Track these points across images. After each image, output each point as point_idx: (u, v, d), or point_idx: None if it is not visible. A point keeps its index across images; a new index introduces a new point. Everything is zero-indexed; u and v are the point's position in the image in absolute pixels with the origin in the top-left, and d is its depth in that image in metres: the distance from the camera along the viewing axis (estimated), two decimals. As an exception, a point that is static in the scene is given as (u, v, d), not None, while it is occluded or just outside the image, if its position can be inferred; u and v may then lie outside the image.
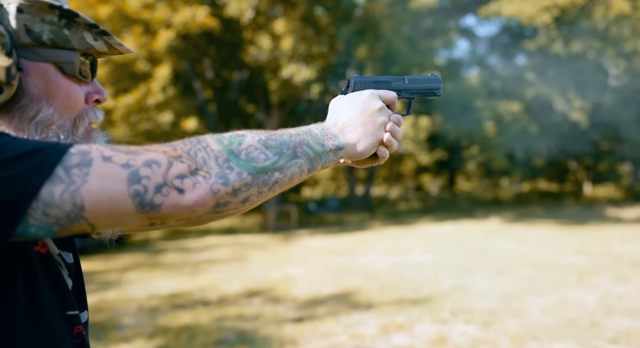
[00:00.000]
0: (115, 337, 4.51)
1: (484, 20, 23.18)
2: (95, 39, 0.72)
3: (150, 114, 13.31)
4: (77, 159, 0.57)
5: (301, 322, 4.79)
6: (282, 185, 0.70)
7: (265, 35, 14.39)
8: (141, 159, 0.60)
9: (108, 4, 13.40)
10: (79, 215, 0.57)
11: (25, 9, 0.65)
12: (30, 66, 0.67)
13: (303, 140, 0.74)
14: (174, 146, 0.63)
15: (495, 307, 5.14)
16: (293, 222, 14.88)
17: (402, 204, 24.46)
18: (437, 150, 25.24)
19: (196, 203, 0.61)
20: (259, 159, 0.67)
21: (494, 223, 13.98)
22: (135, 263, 9.05)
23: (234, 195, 0.64)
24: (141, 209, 0.59)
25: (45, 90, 0.68)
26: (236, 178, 0.64)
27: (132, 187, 0.58)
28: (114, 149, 0.61)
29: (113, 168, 0.58)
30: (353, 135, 0.81)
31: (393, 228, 13.55)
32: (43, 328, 0.66)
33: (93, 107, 0.76)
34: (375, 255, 8.96)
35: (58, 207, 0.56)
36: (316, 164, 0.75)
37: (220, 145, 0.65)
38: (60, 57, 0.69)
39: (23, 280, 0.64)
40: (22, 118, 0.67)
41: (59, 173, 0.56)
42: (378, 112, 0.83)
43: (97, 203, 0.57)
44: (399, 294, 5.80)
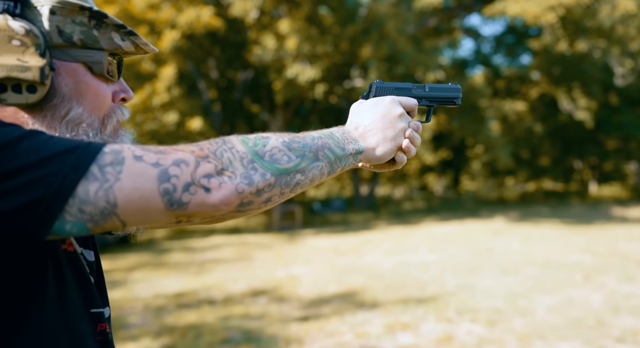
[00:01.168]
0: (121, 336, 4.54)
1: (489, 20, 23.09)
2: (122, 39, 0.74)
3: (155, 114, 13.37)
4: (111, 158, 0.59)
5: (307, 321, 4.80)
6: (303, 186, 0.72)
7: (269, 35, 14.41)
8: (170, 159, 0.62)
9: (114, 5, 13.45)
10: (112, 212, 0.59)
11: (57, 10, 0.67)
12: (62, 66, 0.69)
13: (325, 144, 0.76)
14: (201, 146, 0.65)
15: (501, 306, 5.13)
16: (298, 222, 14.90)
17: (406, 204, 24.44)
18: (442, 149, 25.21)
19: (222, 202, 0.63)
20: (282, 160, 0.69)
21: (499, 222, 13.95)
22: (141, 263, 9.08)
23: (258, 195, 0.66)
24: (170, 207, 0.61)
25: (76, 90, 0.70)
26: (260, 179, 0.66)
27: (162, 186, 0.60)
28: (144, 149, 0.62)
29: (144, 167, 0.60)
30: (373, 139, 0.83)
31: (398, 228, 13.54)
32: (69, 325, 0.68)
33: (120, 106, 0.77)
34: (380, 254, 8.95)
35: (92, 204, 0.58)
36: (336, 167, 0.77)
37: (245, 147, 0.67)
38: (90, 57, 0.71)
39: (53, 278, 0.66)
40: (54, 116, 0.69)
41: (93, 171, 0.58)
42: (398, 118, 0.85)
43: (129, 200, 0.59)
44: (404, 293, 5.80)
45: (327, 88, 16.17)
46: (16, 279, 0.62)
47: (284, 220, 15.32)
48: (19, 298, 0.62)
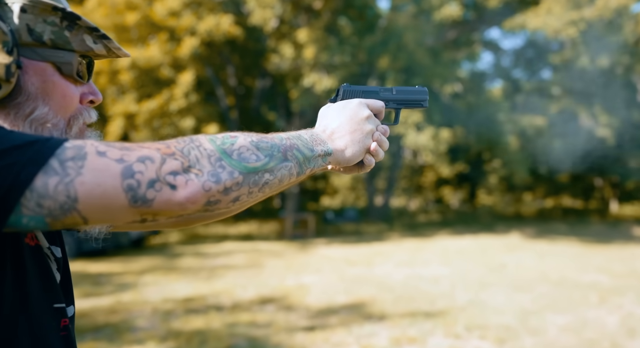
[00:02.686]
0: (128, 339, 4.54)
1: (509, 33, 22.95)
2: (95, 42, 0.74)
3: (172, 119, 13.50)
4: (72, 153, 0.58)
5: (313, 331, 4.76)
6: (271, 186, 0.72)
7: (288, 44, 14.50)
8: (135, 155, 0.61)
9: (135, 11, 13.69)
10: (72, 207, 0.58)
11: (28, 9, 0.67)
12: (30, 65, 0.69)
13: (293, 144, 0.76)
14: (168, 144, 0.65)
15: (512, 323, 5.03)
16: (310, 231, 14.86)
17: (421, 216, 24.24)
18: (459, 162, 25.00)
19: (188, 199, 0.62)
20: (251, 159, 0.68)
21: (514, 238, 13.74)
22: (152, 266, 9.13)
23: (225, 194, 0.65)
24: (134, 203, 0.60)
25: (42, 89, 0.70)
26: (228, 177, 0.65)
27: (125, 181, 0.59)
28: (108, 145, 0.62)
29: (107, 162, 0.59)
30: (341, 141, 0.83)
31: (411, 240, 13.41)
32: (30, 319, 0.67)
33: (87, 108, 0.77)
34: (392, 266, 8.87)
35: (52, 198, 0.57)
36: (305, 168, 0.77)
37: (213, 145, 0.67)
38: (59, 57, 0.70)
39: (12, 271, 0.65)
40: (18, 115, 0.68)
41: (53, 165, 0.57)
42: (366, 120, 0.86)
43: (90, 196, 0.58)
44: (413, 306, 5.72)
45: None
46: None
47: (297, 229, 15.30)
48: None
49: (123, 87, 13.89)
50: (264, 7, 13.94)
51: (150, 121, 13.34)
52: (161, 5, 13.59)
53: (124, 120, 13.73)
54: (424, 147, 15.11)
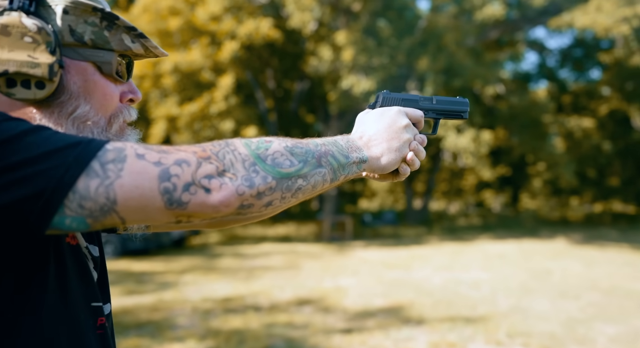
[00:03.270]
0: (169, 336, 4.64)
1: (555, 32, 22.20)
2: (132, 41, 0.75)
3: (212, 121, 13.76)
4: (113, 155, 0.60)
5: (350, 334, 4.72)
6: (304, 192, 0.72)
7: (326, 47, 14.53)
8: (172, 158, 0.62)
9: (178, 16, 14.04)
10: (111, 209, 0.59)
11: (70, 10, 0.69)
12: (72, 64, 0.70)
13: (328, 151, 0.76)
14: (204, 147, 0.66)
15: (557, 331, 4.84)
16: (348, 233, 14.81)
17: (461, 220, 23.77)
18: (500, 165, 24.39)
19: (222, 203, 0.63)
20: (284, 164, 0.69)
21: (560, 243, 13.27)
22: (192, 266, 9.31)
23: (258, 198, 0.66)
24: (169, 206, 0.61)
25: (84, 88, 0.71)
26: (261, 181, 0.66)
27: (162, 184, 0.60)
28: (147, 147, 0.63)
29: (145, 165, 0.61)
30: (377, 149, 0.83)
31: (450, 244, 13.17)
32: (69, 317, 0.68)
33: (127, 106, 0.78)
34: (430, 270, 8.72)
35: (92, 200, 0.58)
36: (339, 175, 0.77)
37: (248, 149, 0.68)
38: (100, 57, 0.72)
39: (54, 269, 0.67)
40: (61, 113, 0.70)
41: (95, 167, 0.59)
42: (404, 129, 0.85)
43: (128, 198, 0.59)
44: (453, 311, 5.60)
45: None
46: (18, 270, 0.63)
47: (335, 231, 15.28)
48: (21, 288, 0.63)
49: (166, 90, 14.26)
50: (302, 10, 14.03)
51: (191, 124, 13.63)
52: (203, 10, 13.89)
53: (166, 123, 14.09)
54: (464, 149, 14.81)
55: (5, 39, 0.65)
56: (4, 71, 0.65)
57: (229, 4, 13.88)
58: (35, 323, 0.64)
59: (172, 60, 13.46)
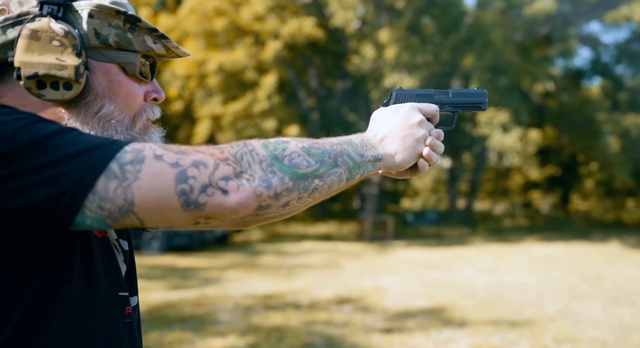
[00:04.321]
0: (211, 331, 4.74)
1: (611, 26, 21.19)
2: (154, 42, 0.77)
3: (255, 120, 13.95)
4: (131, 156, 0.62)
5: (390, 333, 4.68)
6: (321, 192, 0.73)
7: (369, 45, 14.45)
8: (190, 160, 0.63)
9: (223, 17, 14.31)
10: (129, 210, 0.61)
11: (95, 14, 0.72)
12: (97, 66, 0.73)
13: (344, 150, 0.76)
14: (222, 149, 0.67)
15: (609, 338, 4.63)
16: (389, 233, 14.69)
17: (507, 221, 23.14)
18: (549, 165, 23.57)
19: (239, 204, 0.64)
20: (302, 165, 0.70)
21: (613, 247, 12.71)
22: (235, 263, 9.47)
23: (276, 199, 0.67)
24: (186, 207, 0.62)
25: (109, 88, 0.74)
26: (278, 182, 0.67)
27: (179, 186, 0.61)
28: (166, 148, 0.64)
29: (163, 166, 0.62)
30: (392, 147, 0.83)
31: (495, 245, 12.84)
32: (97, 304, 0.72)
33: (151, 105, 0.81)
34: (474, 271, 8.53)
35: (111, 201, 0.60)
36: (355, 174, 0.78)
37: (265, 150, 0.68)
38: (124, 58, 0.75)
39: (81, 258, 0.70)
40: (87, 113, 0.73)
41: (114, 168, 0.61)
42: (417, 126, 0.85)
43: (146, 199, 0.61)
44: (497, 314, 5.46)
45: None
46: (46, 260, 0.66)
47: (376, 230, 15.19)
48: (49, 278, 0.66)
49: (210, 90, 14.56)
50: (346, 9, 14.01)
51: (235, 123, 13.87)
52: (247, 10, 14.10)
53: (210, 122, 14.40)
54: (510, 148, 14.40)
55: (35, 43, 0.68)
56: (34, 73, 0.68)
57: (273, 3, 14.03)
58: (65, 311, 0.67)
59: (217, 60, 13.73)
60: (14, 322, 0.64)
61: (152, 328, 4.64)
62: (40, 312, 0.65)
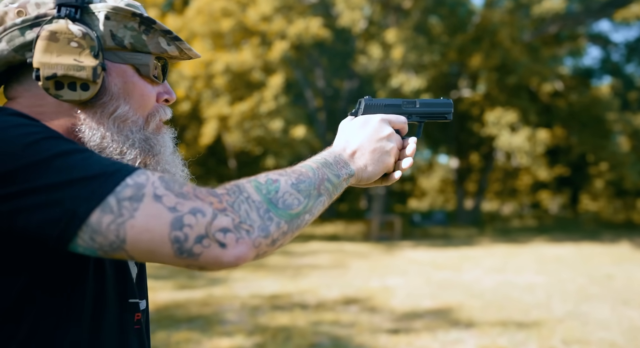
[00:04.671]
0: (218, 331, 4.75)
1: (621, 25, 21.00)
2: (168, 44, 0.78)
3: (262, 121, 13.97)
4: (130, 192, 0.61)
5: (396, 334, 4.67)
6: (307, 223, 0.74)
7: (376, 45, 14.43)
8: (188, 206, 0.62)
9: (230, 18, 14.34)
10: (120, 247, 0.60)
11: (112, 16, 0.73)
12: (112, 67, 0.74)
13: (324, 176, 0.77)
14: (220, 198, 0.65)
15: (618, 340, 4.59)
16: (397, 233, 14.66)
17: (515, 221, 23.00)
18: (558, 165, 23.40)
19: (238, 258, 0.63)
20: (294, 205, 0.70)
21: (623, 248, 12.59)
22: (242, 263, 9.48)
23: (272, 245, 0.67)
24: (179, 255, 0.61)
25: (124, 89, 0.75)
26: (275, 228, 0.67)
27: (173, 233, 0.60)
28: (168, 188, 0.62)
29: (160, 209, 0.60)
30: (361, 160, 0.84)
31: (503, 246, 12.77)
32: (108, 313, 0.73)
33: (163, 106, 0.81)
34: (481, 272, 8.49)
35: (103, 236, 0.60)
36: (333, 195, 0.79)
37: (260, 195, 0.68)
38: (138, 59, 0.76)
39: (93, 268, 0.71)
40: (103, 113, 0.74)
41: (110, 203, 0.59)
42: (387, 139, 0.86)
43: (138, 239, 0.60)
44: (504, 315, 5.42)
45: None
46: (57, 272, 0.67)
47: (383, 231, 15.16)
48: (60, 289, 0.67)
49: (217, 90, 14.61)
50: (352, 9, 14.00)
51: (242, 123, 13.89)
52: (254, 10, 14.13)
53: (217, 122, 14.44)
54: (518, 148, 14.31)
55: (54, 44, 0.69)
56: (53, 74, 0.69)
57: (280, 4, 14.05)
58: (75, 322, 0.68)
59: (224, 61, 13.77)
60: (24, 334, 0.64)
61: (160, 328, 4.66)
62: (47, 327, 0.66)
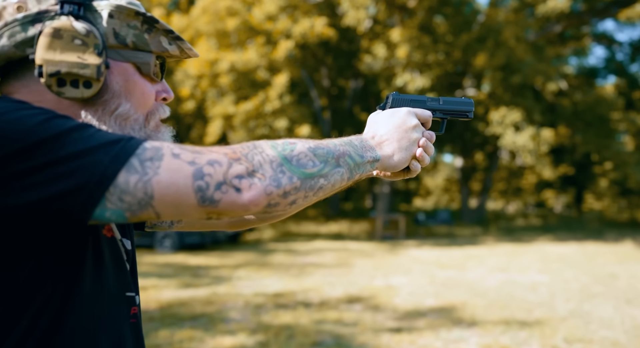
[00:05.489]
0: (221, 329, 4.78)
1: (626, 24, 20.91)
2: (170, 43, 0.79)
3: (267, 120, 14.00)
4: (151, 153, 0.64)
5: (399, 333, 4.69)
6: (325, 190, 0.76)
7: (381, 44, 14.43)
8: (205, 158, 0.65)
9: (236, 17, 14.37)
10: (148, 203, 0.63)
11: (115, 14, 0.73)
12: (114, 65, 0.75)
13: (345, 151, 0.80)
14: (234, 149, 0.69)
15: (622, 339, 4.60)
16: (401, 232, 14.67)
17: (519, 220, 22.95)
18: (563, 164, 23.34)
19: (251, 202, 0.66)
20: (308, 165, 0.73)
21: (627, 247, 12.55)
22: (246, 261, 9.53)
23: (284, 197, 0.70)
24: (202, 203, 0.64)
25: (125, 87, 0.76)
26: (287, 181, 0.70)
27: (196, 183, 0.64)
28: (182, 148, 0.66)
29: (181, 164, 0.64)
30: (389, 148, 0.88)
31: (507, 245, 12.75)
32: (105, 305, 0.74)
33: (161, 104, 0.82)
34: (485, 271, 8.49)
35: (131, 194, 0.62)
36: (355, 174, 0.82)
37: (275, 151, 0.71)
38: (140, 58, 0.76)
39: (92, 258, 0.71)
40: (105, 111, 0.74)
41: (134, 163, 0.62)
42: (413, 129, 0.90)
43: (165, 194, 0.63)
44: (507, 314, 5.44)
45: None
46: (59, 256, 0.68)
47: (387, 229, 15.17)
48: (66, 273, 0.68)
49: (222, 89, 14.64)
50: (357, 8, 14.00)
51: (247, 122, 13.93)
52: (259, 9, 14.15)
53: (222, 121, 14.48)
54: (522, 147, 14.29)
55: (57, 41, 0.69)
56: (56, 71, 0.69)
57: (285, 3, 14.07)
58: (78, 309, 0.69)
59: (229, 60, 13.80)
60: (28, 320, 0.65)
61: (163, 326, 4.70)
62: (55, 309, 0.67)
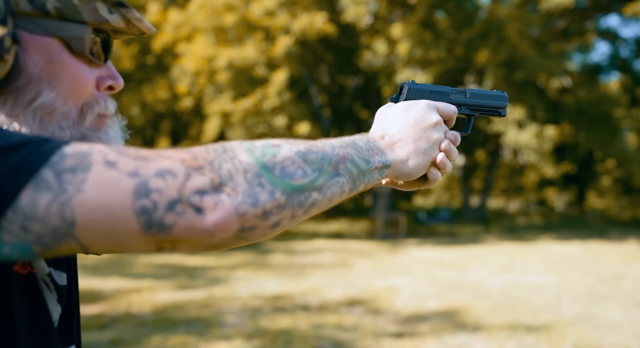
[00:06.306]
0: (217, 334, 4.61)
1: (631, 20, 20.72)
2: (110, 12, 0.59)
3: (265, 117, 13.85)
4: (73, 162, 0.46)
5: (401, 338, 4.52)
6: (319, 207, 0.59)
7: (381, 40, 14.26)
8: (153, 168, 0.48)
9: (233, 12, 14.20)
10: (68, 233, 0.46)
11: None
12: (30, 40, 0.55)
13: (347, 155, 0.62)
14: (195, 154, 0.51)
15: (632, 344, 4.43)
16: (402, 231, 14.51)
17: (521, 219, 22.80)
18: (565, 162, 23.18)
19: (217, 226, 0.49)
20: (296, 174, 0.55)
21: (632, 246, 12.39)
22: (244, 262, 9.37)
23: (263, 219, 0.53)
24: (148, 230, 0.47)
25: (48, 70, 0.56)
26: (267, 198, 0.52)
27: (138, 202, 0.47)
28: (121, 152, 0.49)
29: (117, 176, 0.47)
30: (402, 151, 0.69)
31: (509, 244, 12.60)
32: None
33: (104, 95, 0.63)
34: (488, 271, 8.33)
35: (41, 221, 0.45)
36: (359, 183, 0.64)
37: (251, 157, 0.54)
38: (68, 31, 0.57)
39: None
40: (17, 102, 0.55)
41: (46, 177, 0.45)
42: (433, 128, 0.71)
43: (92, 219, 0.46)
44: (513, 318, 5.26)
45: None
46: None
47: (388, 228, 15.01)
48: None
49: (220, 86, 14.48)
50: (358, 4, 13.83)
51: (245, 119, 13.78)
52: (257, 5, 13.98)
53: (220, 119, 14.32)
54: (525, 145, 14.13)
55: None
56: None
57: (283, -2, 13.91)
58: None
59: (227, 56, 13.64)
60: None
61: (156, 331, 4.53)
62: None
